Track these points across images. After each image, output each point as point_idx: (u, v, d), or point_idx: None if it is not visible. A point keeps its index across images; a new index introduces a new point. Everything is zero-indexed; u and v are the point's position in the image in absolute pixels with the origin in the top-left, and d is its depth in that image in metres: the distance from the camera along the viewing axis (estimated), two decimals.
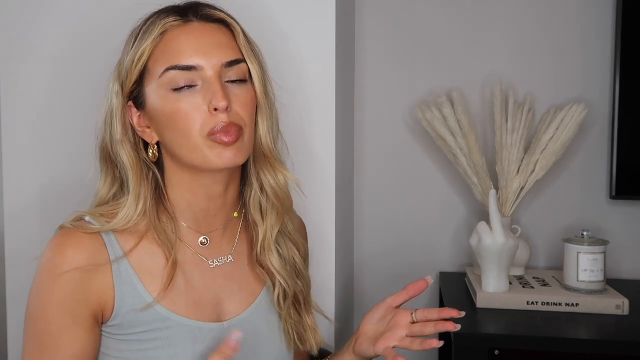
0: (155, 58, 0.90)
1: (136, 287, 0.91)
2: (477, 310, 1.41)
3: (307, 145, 1.38)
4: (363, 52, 1.77)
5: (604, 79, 1.67)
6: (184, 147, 0.90)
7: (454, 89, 1.67)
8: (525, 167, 1.60)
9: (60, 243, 0.89)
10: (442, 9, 1.74)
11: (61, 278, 0.87)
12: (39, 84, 1.42)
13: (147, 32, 0.90)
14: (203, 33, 0.90)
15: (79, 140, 1.41)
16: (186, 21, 0.91)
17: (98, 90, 1.38)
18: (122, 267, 0.91)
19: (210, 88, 0.88)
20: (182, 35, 0.90)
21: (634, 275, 1.69)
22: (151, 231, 0.94)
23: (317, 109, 1.38)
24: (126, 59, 0.92)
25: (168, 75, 0.89)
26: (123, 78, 0.93)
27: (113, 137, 0.94)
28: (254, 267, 1.02)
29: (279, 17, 1.36)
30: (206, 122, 0.88)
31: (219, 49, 0.90)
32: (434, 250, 1.78)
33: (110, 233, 0.92)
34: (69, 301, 0.88)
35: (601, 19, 1.67)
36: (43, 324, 0.88)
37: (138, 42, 0.91)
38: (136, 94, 0.93)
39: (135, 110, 0.94)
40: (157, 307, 0.91)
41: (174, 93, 0.89)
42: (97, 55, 1.39)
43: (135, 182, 0.93)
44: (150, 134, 0.94)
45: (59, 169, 1.42)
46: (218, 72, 0.89)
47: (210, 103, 0.88)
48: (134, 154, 0.94)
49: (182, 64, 0.88)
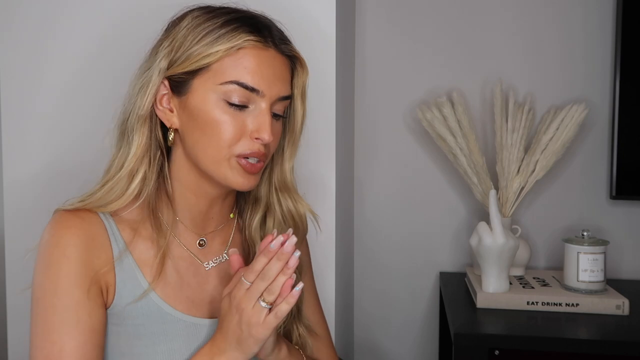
0: (223, 64, 0.89)
1: (135, 276, 0.92)
2: (477, 310, 1.41)
3: (307, 146, 1.38)
4: (363, 51, 1.77)
5: (604, 79, 1.68)
6: (209, 156, 0.90)
7: (454, 89, 1.67)
8: (525, 167, 1.60)
9: (62, 220, 0.90)
10: (442, 9, 1.74)
11: (68, 251, 0.87)
12: (39, 82, 1.42)
13: (226, 36, 0.89)
14: (275, 64, 0.91)
15: (79, 139, 1.41)
16: (266, 46, 0.91)
17: (98, 90, 1.40)
18: (122, 255, 0.91)
19: (261, 119, 0.90)
20: (258, 59, 0.90)
21: (634, 275, 1.69)
22: (147, 221, 0.94)
23: (317, 109, 1.38)
24: (188, 45, 0.89)
25: (229, 86, 0.88)
26: (176, 60, 0.90)
27: (136, 110, 0.92)
28: None
29: (278, 17, 1.36)
30: (243, 143, 0.90)
31: (282, 82, 0.92)
32: (434, 250, 1.78)
33: (110, 219, 0.92)
34: (79, 275, 0.87)
35: (601, 20, 1.67)
36: (57, 299, 0.86)
37: (212, 39, 0.89)
38: (179, 79, 0.91)
39: (164, 88, 0.92)
40: (155, 299, 0.92)
41: (227, 105, 0.89)
42: (99, 54, 1.39)
43: (135, 156, 0.91)
44: (171, 118, 0.93)
45: (59, 167, 1.42)
46: (272, 103, 0.91)
47: (257, 131, 0.89)
48: (146, 135, 0.92)
49: (248, 84, 0.88)
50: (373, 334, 1.80)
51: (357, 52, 1.78)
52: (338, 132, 1.43)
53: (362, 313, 1.82)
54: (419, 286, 1.79)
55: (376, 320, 1.81)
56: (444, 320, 1.67)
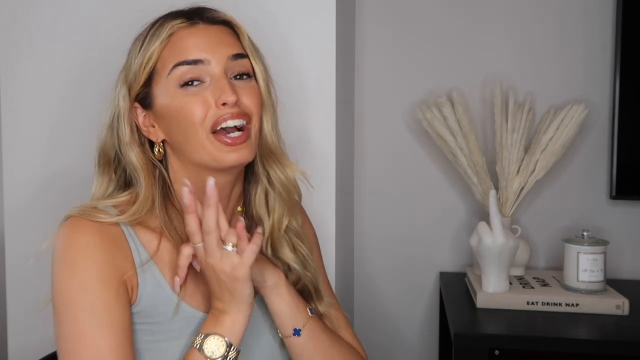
0: (163, 59, 0.92)
1: (156, 277, 0.92)
2: (477, 310, 1.41)
3: (307, 146, 1.38)
4: (363, 52, 1.77)
5: (604, 79, 1.68)
6: (192, 143, 0.92)
7: (454, 89, 1.67)
8: (525, 167, 1.60)
9: (78, 223, 0.89)
10: (442, 9, 1.74)
11: (92, 252, 0.87)
12: (39, 82, 1.42)
13: (155, 35, 0.93)
14: (209, 32, 0.94)
15: (79, 139, 1.41)
16: (192, 23, 0.94)
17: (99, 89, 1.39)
18: (142, 257, 0.92)
19: (219, 84, 0.91)
20: (189, 35, 0.93)
21: (634, 275, 1.69)
22: (165, 229, 0.94)
23: (317, 110, 1.38)
24: (134, 62, 0.94)
25: (176, 71, 0.91)
26: (131, 81, 0.95)
27: (121, 140, 0.95)
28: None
29: (278, 18, 1.36)
30: (211, 114, 0.90)
31: (224, 45, 0.93)
32: (434, 250, 1.78)
33: (128, 227, 0.92)
34: (106, 275, 0.87)
35: (601, 19, 1.67)
36: (85, 303, 0.85)
37: (146, 44, 0.93)
38: (142, 95, 0.95)
39: (140, 111, 0.96)
40: (174, 298, 0.92)
41: (182, 89, 0.91)
42: (97, 54, 1.39)
43: (146, 182, 0.94)
44: (155, 133, 0.96)
45: (59, 168, 1.42)
46: (224, 66, 0.92)
47: (219, 98, 0.90)
48: (142, 155, 0.95)
49: (188, 58, 0.91)
50: (373, 333, 1.80)
51: (357, 52, 1.78)
52: (338, 132, 1.43)
53: (362, 313, 1.82)
54: (419, 286, 1.79)
55: (376, 320, 1.81)
56: (444, 320, 1.67)
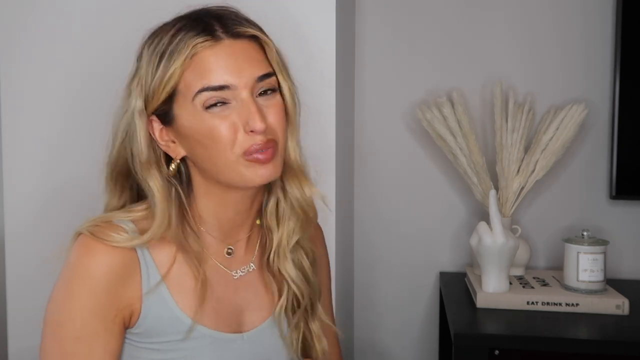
0: (186, 80, 0.87)
1: (164, 298, 0.90)
2: (477, 310, 1.41)
3: (307, 146, 1.38)
4: (363, 52, 1.77)
5: (604, 79, 1.67)
6: (219, 165, 0.88)
7: (454, 89, 1.67)
8: (525, 167, 1.60)
9: (91, 246, 0.86)
10: (442, 9, 1.74)
11: (94, 282, 0.85)
12: (40, 85, 1.42)
13: (176, 52, 0.86)
14: (234, 51, 0.87)
15: (79, 139, 1.41)
16: (216, 41, 0.87)
17: (99, 91, 1.39)
18: (152, 278, 0.89)
19: (245, 108, 0.86)
20: (213, 56, 0.86)
21: (634, 275, 1.69)
22: (180, 247, 0.92)
23: (317, 110, 1.38)
24: (150, 78, 0.88)
25: (201, 96, 0.86)
26: (148, 96, 0.88)
27: (136, 159, 0.90)
28: (264, 274, 1.01)
29: (278, 17, 1.36)
30: (241, 142, 0.86)
31: (250, 65, 0.88)
32: (434, 250, 1.78)
33: (142, 248, 0.89)
34: (101, 307, 0.85)
35: (601, 19, 1.67)
36: (73, 330, 0.85)
37: (165, 62, 0.87)
38: (162, 111, 0.90)
39: (157, 124, 0.91)
40: (182, 318, 0.90)
41: (207, 111, 0.86)
42: (98, 57, 1.39)
43: (162, 205, 0.90)
44: (175, 149, 0.91)
45: (58, 168, 1.42)
46: (251, 89, 0.87)
47: (247, 124, 0.86)
48: (160, 177, 0.91)
49: (213, 84, 0.86)
50: (373, 333, 1.80)
51: (357, 52, 1.77)
52: (338, 132, 1.43)
53: (362, 313, 1.82)
54: (419, 286, 1.79)
55: (376, 320, 1.81)
56: (444, 320, 1.67)
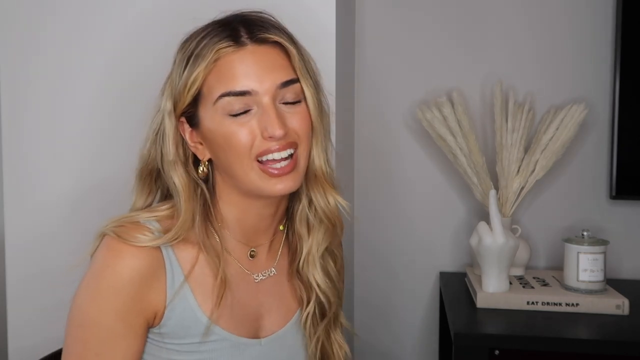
0: (209, 84, 0.88)
1: (187, 299, 0.90)
2: (477, 310, 1.41)
3: None
4: (363, 52, 1.77)
5: (604, 79, 1.67)
6: (237, 171, 0.89)
7: (454, 89, 1.67)
8: (525, 167, 1.60)
9: (118, 248, 0.87)
10: (442, 9, 1.74)
11: (120, 285, 0.86)
12: (41, 84, 1.42)
13: (200, 56, 0.88)
14: (257, 56, 0.88)
15: (79, 139, 1.41)
16: (240, 46, 0.88)
17: (99, 91, 1.40)
18: (176, 278, 0.90)
19: (265, 114, 0.87)
20: (236, 61, 0.87)
21: (634, 275, 1.69)
22: (203, 247, 0.92)
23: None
24: (178, 81, 0.90)
25: (222, 101, 0.87)
26: (176, 98, 0.90)
27: (164, 157, 0.92)
28: (293, 281, 1.01)
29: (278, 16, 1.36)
30: (257, 144, 0.87)
31: (272, 71, 0.88)
32: (434, 250, 1.78)
33: (167, 246, 0.90)
34: (127, 310, 0.86)
35: (601, 19, 1.67)
36: (97, 331, 0.86)
37: (190, 65, 0.88)
38: (189, 114, 0.91)
39: (187, 127, 0.93)
40: (202, 318, 0.90)
41: (230, 117, 0.87)
42: (101, 57, 1.39)
43: (186, 204, 0.91)
44: (202, 151, 0.93)
45: (58, 167, 1.42)
46: (272, 95, 0.88)
47: (265, 129, 0.86)
48: (185, 175, 0.92)
49: (235, 89, 0.86)
50: (373, 333, 1.80)
51: (357, 52, 1.77)
52: (338, 132, 1.43)
53: (362, 313, 1.82)
54: (419, 286, 1.79)
55: (376, 319, 1.81)
56: (444, 320, 1.67)
